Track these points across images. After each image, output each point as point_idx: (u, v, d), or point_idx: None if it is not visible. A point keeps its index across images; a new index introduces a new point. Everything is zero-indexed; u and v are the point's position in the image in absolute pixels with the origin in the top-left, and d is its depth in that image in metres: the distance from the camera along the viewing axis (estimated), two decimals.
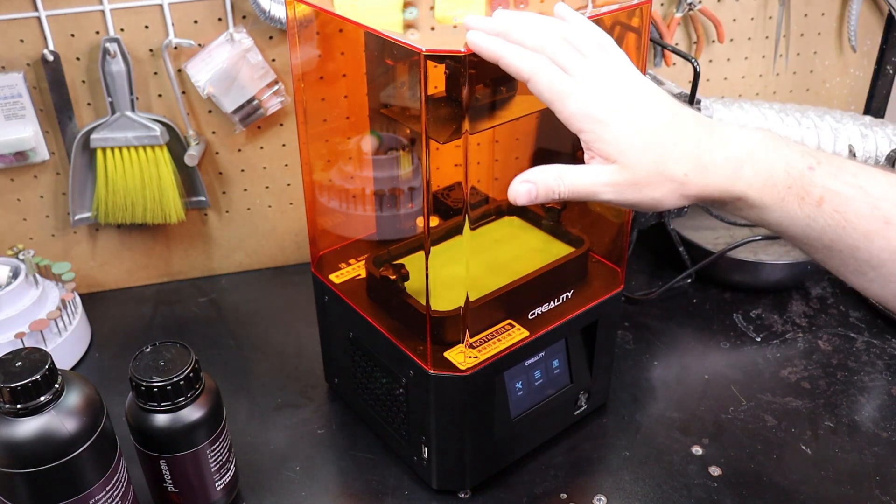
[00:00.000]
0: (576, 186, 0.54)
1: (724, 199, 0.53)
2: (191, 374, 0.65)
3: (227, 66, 0.90)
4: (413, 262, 0.74)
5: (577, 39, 0.54)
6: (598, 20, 0.59)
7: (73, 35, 0.88)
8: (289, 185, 1.03)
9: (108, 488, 0.61)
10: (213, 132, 0.97)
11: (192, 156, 0.94)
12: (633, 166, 0.52)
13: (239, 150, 0.99)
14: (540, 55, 0.54)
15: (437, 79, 0.62)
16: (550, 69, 0.53)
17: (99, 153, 0.92)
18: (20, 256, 0.90)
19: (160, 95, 0.93)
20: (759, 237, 1.02)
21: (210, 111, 0.96)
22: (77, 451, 0.58)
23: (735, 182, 0.52)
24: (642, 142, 0.52)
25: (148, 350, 0.67)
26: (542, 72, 0.53)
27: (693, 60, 0.84)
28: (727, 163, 0.52)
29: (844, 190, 0.51)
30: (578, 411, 0.80)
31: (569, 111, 0.53)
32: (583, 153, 0.55)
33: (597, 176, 0.53)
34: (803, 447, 0.79)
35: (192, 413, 0.65)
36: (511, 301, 0.72)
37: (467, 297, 0.66)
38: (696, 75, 0.85)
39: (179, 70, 0.92)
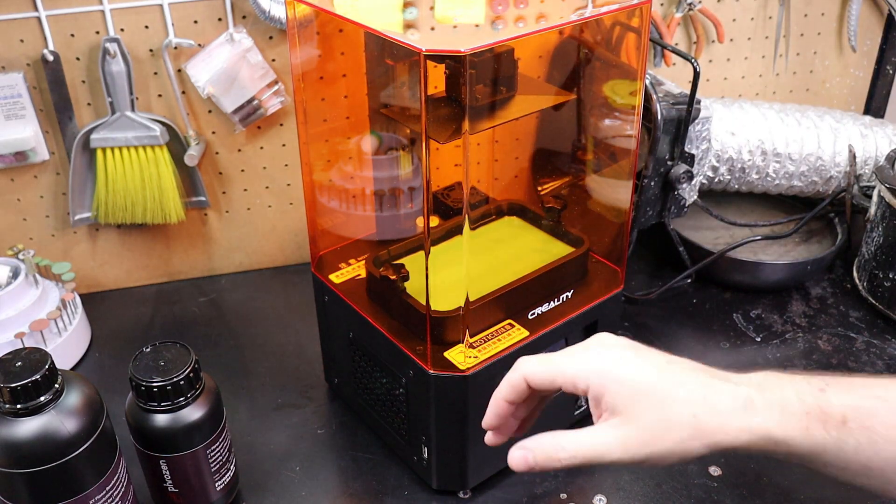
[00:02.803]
0: (578, 450, 0.51)
1: (746, 445, 0.49)
2: (191, 374, 0.65)
3: (227, 66, 0.90)
4: (413, 262, 0.74)
5: None
6: (597, 20, 0.60)
7: (73, 35, 0.88)
8: (289, 185, 1.03)
9: (107, 488, 0.61)
10: (213, 132, 0.97)
11: (192, 156, 0.94)
12: (638, 414, 0.49)
13: (239, 150, 0.99)
14: None
15: (437, 79, 0.62)
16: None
17: (99, 153, 0.92)
18: (20, 256, 0.90)
19: (160, 95, 0.93)
20: (759, 237, 1.02)
21: (210, 111, 0.95)
22: (77, 452, 0.58)
23: (751, 418, 0.49)
24: (646, 385, 0.51)
25: (148, 350, 0.67)
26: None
27: (693, 60, 0.84)
28: (736, 399, 0.49)
29: (863, 403, 0.49)
30: (578, 411, 0.80)
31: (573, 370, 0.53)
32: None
33: (599, 435, 0.50)
34: None
35: (192, 413, 0.65)
36: (511, 301, 0.72)
37: (467, 297, 0.66)
38: (696, 75, 0.85)
39: (179, 70, 0.92)
